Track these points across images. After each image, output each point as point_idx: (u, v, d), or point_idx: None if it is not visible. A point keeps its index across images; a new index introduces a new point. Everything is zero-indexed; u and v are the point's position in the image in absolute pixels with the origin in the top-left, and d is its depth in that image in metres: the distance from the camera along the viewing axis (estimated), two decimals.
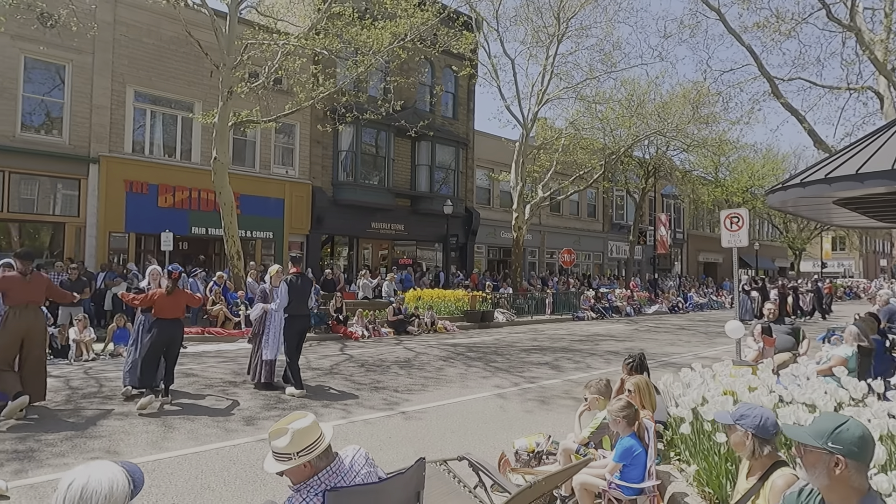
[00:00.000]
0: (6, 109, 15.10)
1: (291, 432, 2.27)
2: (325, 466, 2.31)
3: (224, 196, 14.84)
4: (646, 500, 3.45)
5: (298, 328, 7.88)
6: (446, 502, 3.24)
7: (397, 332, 14.77)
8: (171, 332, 6.82)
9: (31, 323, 6.05)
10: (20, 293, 5.99)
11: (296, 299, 7.78)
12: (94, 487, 1.68)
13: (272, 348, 7.85)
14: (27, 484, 4.22)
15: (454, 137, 25.29)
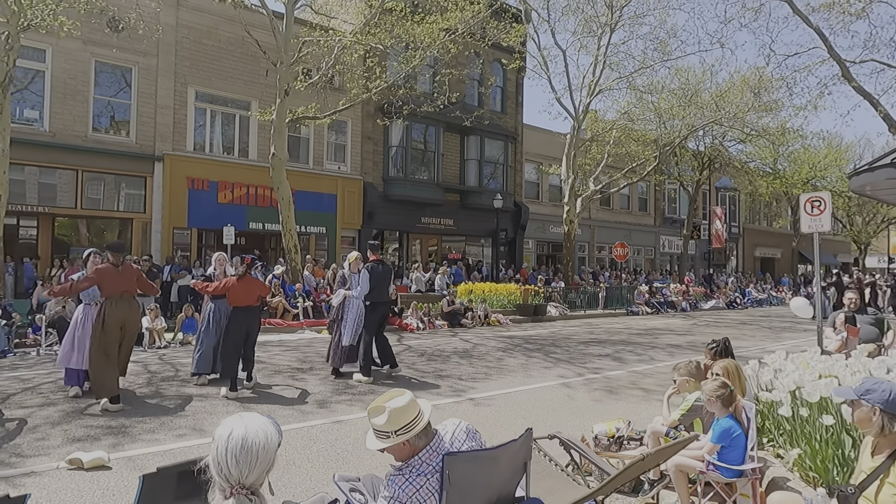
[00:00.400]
0: (79, 112, 15.87)
1: (388, 411, 2.23)
2: (425, 445, 2.27)
3: (282, 191, 15.19)
4: (746, 482, 3.33)
5: (380, 315, 7.92)
6: (540, 480, 3.21)
7: (451, 325, 14.81)
8: (247, 321, 6.85)
9: (126, 313, 6.20)
10: (114, 284, 6.16)
11: (377, 287, 7.82)
12: (253, 438, 1.73)
13: (350, 334, 7.88)
14: (125, 456, 4.41)
15: (503, 131, 25.15)
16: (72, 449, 4.56)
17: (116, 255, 6.28)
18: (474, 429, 2.45)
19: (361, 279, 7.80)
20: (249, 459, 1.70)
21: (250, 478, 1.69)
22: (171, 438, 4.90)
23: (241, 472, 1.68)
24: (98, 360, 5.97)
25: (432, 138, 22.95)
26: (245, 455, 1.70)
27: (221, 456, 1.71)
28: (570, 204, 21.81)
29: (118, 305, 6.17)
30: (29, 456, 4.39)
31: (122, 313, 6.18)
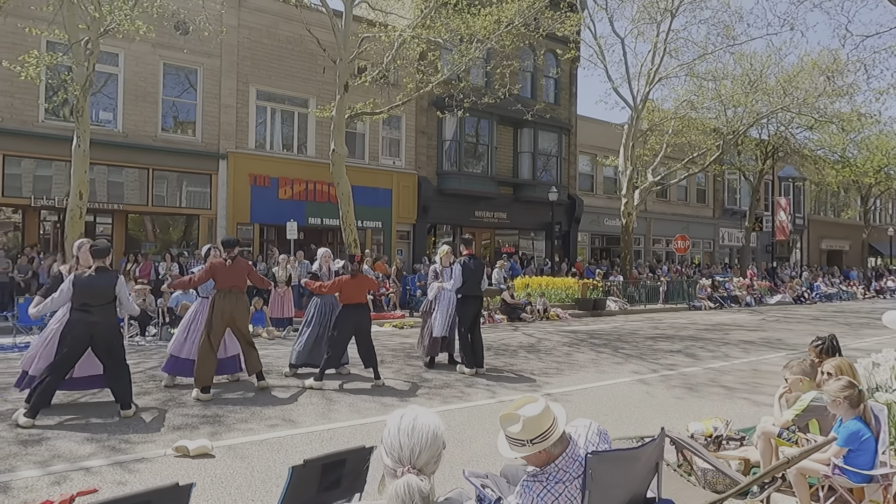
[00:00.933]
0: (149, 113, 16.52)
1: (523, 420, 2.18)
2: (562, 452, 2.21)
3: (342, 186, 15.40)
4: (876, 488, 3.15)
5: (473, 309, 7.97)
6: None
7: (510, 319, 14.73)
8: (357, 318, 6.94)
9: (233, 306, 6.38)
10: (225, 278, 6.38)
11: (470, 280, 7.88)
12: (423, 420, 1.75)
13: (441, 326, 7.98)
14: (225, 445, 4.55)
15: (557, 123, 24.78)
16: (174, 437, 4.74)
17: (228, 250, 6.47)
18: (604, 429, 2.39)
19: (454, 273, 7.89)
20: (420, 440, 1.72)
21: (421, 458, 1.70)
22: (265, 428, 5.03)
23: (413, 452, 1.70)
24: (204, 349, 6.21)
25: (485, 131, 22.83)
26: (416, 435, 1.73)
27: (393, 437, 1.76)
28: (628, 196, 21.31)
29: (226, 299, 6.36)
30: (136, 443, 4.59)
31: (230, 306, 6.35)
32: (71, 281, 5.41)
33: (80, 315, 5.34)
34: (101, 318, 5.43)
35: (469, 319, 7.91)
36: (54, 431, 4.84)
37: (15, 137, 14.58)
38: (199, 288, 6.88)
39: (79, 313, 5.35)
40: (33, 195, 14.95)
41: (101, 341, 5.41)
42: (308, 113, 19.26)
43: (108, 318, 5.53)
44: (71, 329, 5.33)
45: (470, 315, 7.92)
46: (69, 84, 12.86)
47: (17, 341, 9.91)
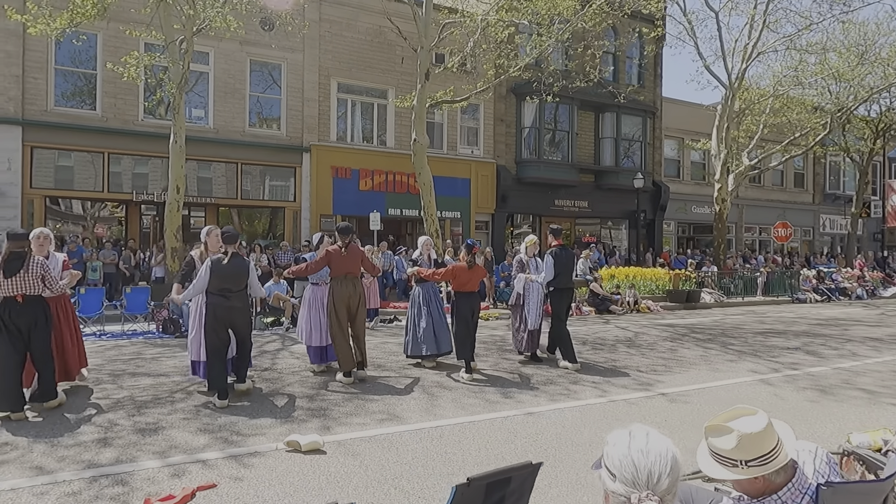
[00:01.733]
0: (237, 108, 17.01)
1: (738, 436, 1.72)
2: (785, 483, 1.75)
3: (423, 176, 15.23)
4: None
5: (566, 302, 7.67)
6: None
7: (598, 312, 14.11)
8: (472, 305, 6.95)
9: (350, 292, 6.43)
10: (340, 265, 6.41)
11: (562, 272, 7.54)
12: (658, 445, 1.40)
13: (533, 319, 7.69)
14: (335, 440, 4.40)
15: (641, 106, 23.60)
16: (282, 430, 4.65)
17: (343, 237, 6.46)
18: (832, 456, 1.93)
19: (546, 264, 7.56)
20: (659, 462, 1.35)
21: (662, 483, 1.34)
22: (372, 423, 4.85)
23: (651, 475, 1.34)
24: (337, 335, 6.37)
25: (565, 117, 22.07)
26: (653, 456, 1.37)
27: (624, 456, 1.39)
28: (722, 181, 19.95)
29: (343, 286, 6.43)
30: (247, 435, 4.52)
31: (347, 293, 6.42)
32: (209, 266, 5.49)
33: (219, 300, 5.50)
34: (239, 303, 5.64)
35: (564, 312, 7.62)
36: (168, 420, 4.88)
37: (118, 136, 15.39)
38: (311, 276, 6.92)
39: (218, 298, 5.50)
40: (134, 190, 15.76)
41: (241, 326, 5.69)
42: (387, 104, 19.27)
43: (244, 302, 5.78)
44: (213, 314, 5.49)
45: (564, 308, 7.65)
46: (166, 83, 13.38)
47: (126, 329, 10.40)
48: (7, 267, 4.89)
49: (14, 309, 4.91)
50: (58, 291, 5.26)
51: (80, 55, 15.29)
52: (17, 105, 14.40)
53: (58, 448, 4.17)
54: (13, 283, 4.90)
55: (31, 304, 4.97)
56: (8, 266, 4.89)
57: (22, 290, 4.92)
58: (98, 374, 6.66)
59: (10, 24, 14.09)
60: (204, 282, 5.49)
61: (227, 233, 5.77)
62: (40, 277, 5.00)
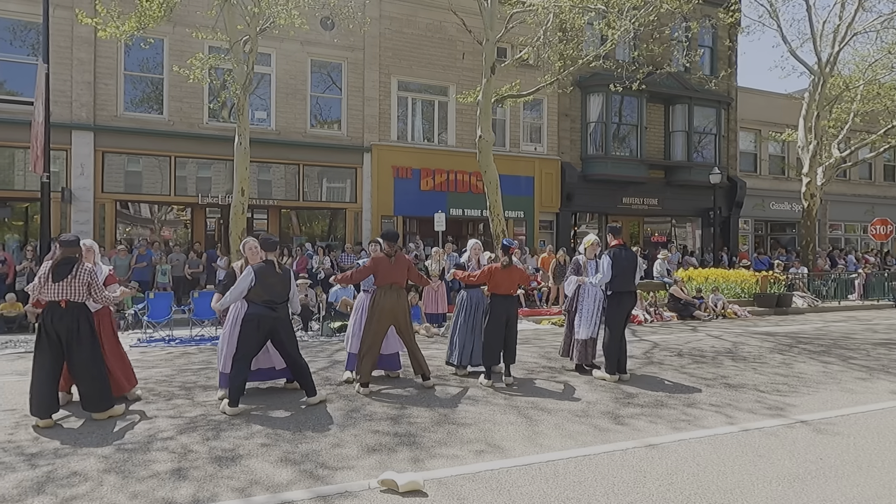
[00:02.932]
0: (299, 109, 16.83)
1: None
2: None
3: (489, 174, 14.59)
4: None
5: (625, 307, 6.91)
6: None
7: (681, 317, 13.08)
8: (508, 309, 6.52)
9: (394, 303, 6.09)
10: (385, 274, 6.06)
11: (621, 274, 6.80)
12: None
13: (587, 327, 7.07)
14: (434, 478, 3.80)
15: (714, 97, 22.20)
16: (371, 462, 4.10)
17: (390, 245, 6.04)
18: None
19: (602, 266, 6.83)
20: None
21: None
22: (470, 456, 4.23)
23: None
24: (366, 345, 6.05)
25: (633, 110, 20.95)
26: None
27: None
28: (811, 175, 18.42)
29: (387, 295, 6.08)
30: (334, 468, 3.98)
31: (391, 303, 6.06)
32: (252, 273, 5.31)
33: (262, 310, 5.33)
34: (282, 313, 5.49)
35: (622, 320, 6.88)
36: (245, 446, 4.40)
37: (183, 140, 15.44)
38: (364, 283, 6.68)
39: (260, 307, 5.33)
40: (199, 193, 15.79)
41: (286, 336, 5.50)
42: (448, 101, 18.72)
43: (286, 312, 5.61)
44: (255, 325, 5.31)
45: (623, 314, 6.90)
46: (230, 84, 13.24)
47: (194, 334, 10.21)
48: (56, 271, 4.90)
49: (56, 314, 4.90)
50: (102, 301, 5.17)
51: (147, 61, 15.42)
52: (90, 111, 14.62)
53: (130, 481, 3.74)
54: (59, 288, 4.89)
55: (72, 311, 4.93)
56: (58, 271, 4.90)
57: (66, 296, 4.90)
58: (169, 387, 6.33)
59: (82, 31, 14.32)
60: (243, 289, 5.33)
61: (266, 240, 5.58)
62: (87, 285, 4.95)
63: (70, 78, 14.41)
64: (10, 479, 3.77)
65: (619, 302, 6.88)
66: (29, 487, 3.63)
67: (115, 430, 4.78)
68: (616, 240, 7.09)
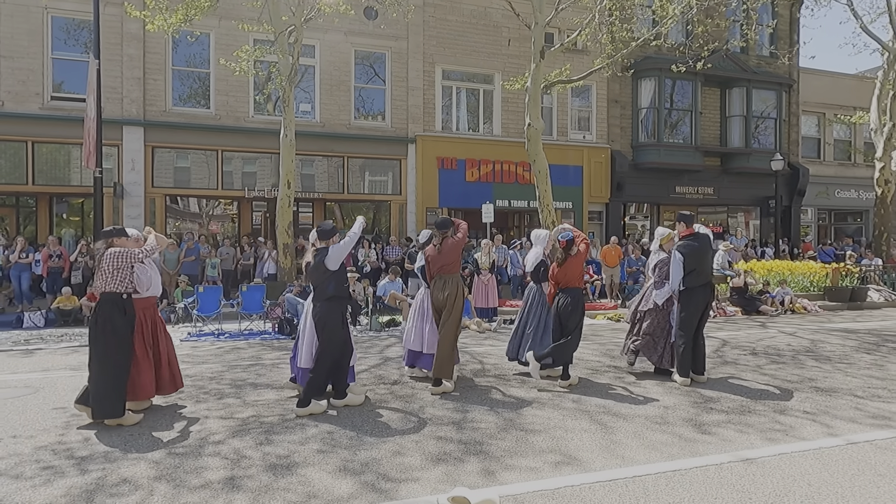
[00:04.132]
0: (343, 100, 16.63)
1: None
2: None
3: (538, 164, 14.06)
4: None
5: (699, 302, 6.26)
6: None
7: (746, 312, 12.31)
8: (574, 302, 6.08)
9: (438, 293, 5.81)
10: (434, 265, 5.85)
11: (695, 269, 6.21)
12: None
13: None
14: (510, 495, 3.41)
15: (774, 79, 21.00)
16: (436, 473, 3.74)
17: (440, 233, 5.72)
18: None
19: (673, 266, 6.22)
20: None
21: None
22: (546, 468, 3.83)
23: None
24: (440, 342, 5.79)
25: (687, 95, 19.98)
26: None
27: None
28: (885, 159, 17.17)
29: (435, 287, 5.84)
30: (396, 480, 3.65)
31: (436, 293, 5.80)
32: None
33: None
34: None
35: (696, 316, 6.21)
36: (301, 452, 4.12)
37: (230, 133, 15.45)
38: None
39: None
40: (245, 187, 15.79)
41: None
42: (493, 90, 18.22)
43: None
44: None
45: (697, 310, 6.22)
46: (275, 76, 13.12)
47: (243, 328, 10.11)
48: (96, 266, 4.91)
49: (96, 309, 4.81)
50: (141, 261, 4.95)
51: (194, 56, 15.48)
52: (140, 107, 14.76)
53: (182, 491, 3.49)
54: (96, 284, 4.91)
55: (100, 303, 4.80)
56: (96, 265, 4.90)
57: (96, 289, 4.90)
58: (219, 385, 6.15)
59: (131, 28, 14.45)
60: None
61: (320, 228, 5.35)
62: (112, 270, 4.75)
63: (120, 74, 14.57)
64: (59, 485, 3.58)
65: (692, 297, 6.27)
66: (78, 495, 3.42)
67: (166, 433, 4.57)
68: (687, 229, 6.50)
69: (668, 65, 15.54)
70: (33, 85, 14.04)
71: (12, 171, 14.06)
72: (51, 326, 10.68)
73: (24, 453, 4.12)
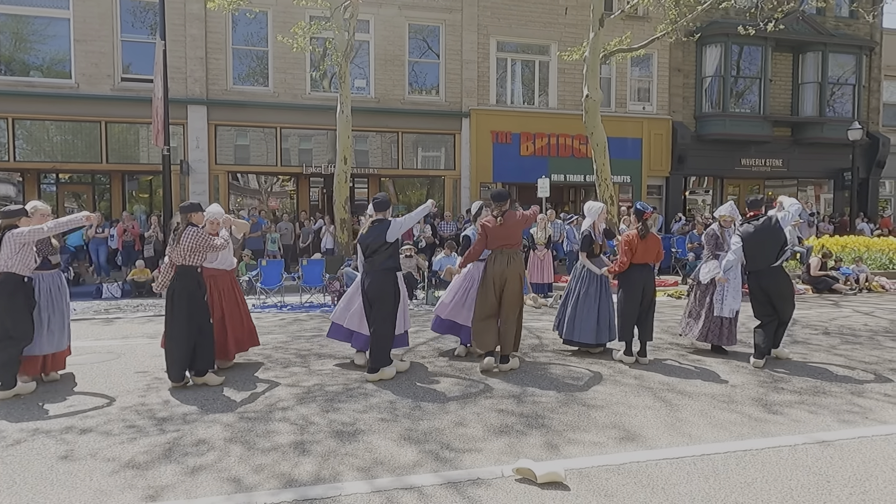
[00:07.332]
0: (397, 75, 16.61)
1: None
2: None
3: (596, 136, 13.69)
4: None
5: (762, 287, 5.97)
6: None
7: (817, 290, 11.73)
8: (644, 279, 5.98)
9: (503, 268, 5.60)
10: (495, 237, 5.65)
11: (753, 254, 5.91)
12: None
13: (728, 303, 6.27)
14: (574, 469, 3.41)
15: (853, 42, 19.58)
16: (499, 444, 3.77)
17: (500, 205, 5.61)
18: None
19: (731, 249, 5.98)
20: None
21: None
22: (611, 443, 3.80)
23: None
24: (478, 316, 5.69)
25: (756, 62, 18.90)
26: None
27: None
28: None
29: (497, 261, 5.64)
30: (459, 450, 3.70)
31: (500, 268, 5.60)
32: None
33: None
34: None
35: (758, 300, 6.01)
36: (364, 420, 4.23)
37: (287, 111, 15.74)
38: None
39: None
40: (303, 164, 16.11)
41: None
42: (549, 61, 17.77)
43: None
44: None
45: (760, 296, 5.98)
46: (331, 52, 13.21)
47: (304, 301, 10.42)
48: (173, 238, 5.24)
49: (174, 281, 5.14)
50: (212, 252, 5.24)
51: (252, 35, 15.76)
52: (202, 86, 15.21)
53: (255, 453, 3.65)
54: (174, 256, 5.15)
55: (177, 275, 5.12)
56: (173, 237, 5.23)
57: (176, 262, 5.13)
58: (285, 354, 6.38)
59: (193, 8, 14.83)
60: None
61: (376, 199, 5.50)
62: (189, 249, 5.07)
63: (184, 55, 15.02)
64: (141, 443, 3.82)
65: (754, 281, 6.03)
66: (159, 455, 3.64)
67: (238, 398, 4.79)
68: (753, 210, 6.19)
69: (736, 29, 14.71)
70: (105, 67, 14.67)
71: (87, 151, 14.82)
72: (127, 297, 11.31)
73: (111, 413, 4.42)
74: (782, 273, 6.10)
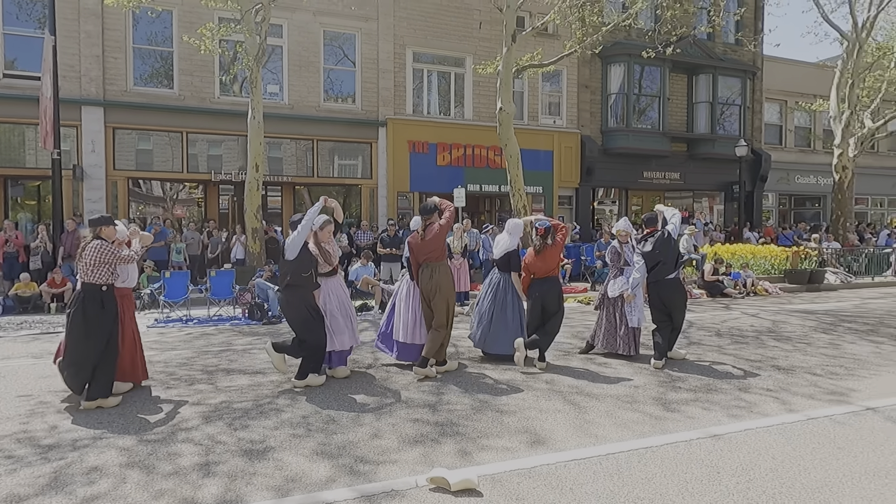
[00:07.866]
0: (312, 82, 16.32)
1: None
2: None
3: (510, 148, 14.11)
4: None
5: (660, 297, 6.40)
6: None
7: (710, 294, 12.65)
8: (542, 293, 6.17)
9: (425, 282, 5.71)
10: (419, 253, 5.71)
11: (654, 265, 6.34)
12: None
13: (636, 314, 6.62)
14: (487, 475, 3.46)
15: (739, 66, 21.42)
16: (413, 455, 3.77)
17: (424, 219, 5.64)
18: None
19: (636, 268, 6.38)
20: None
21: None
22: (521, 447, 3.89)
23: None
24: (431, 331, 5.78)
25: (655, 81, 20.22)
26: None
27: None
28: (843, 146, 17.73)
29: (422, 276, 5.70)
30: (374, 462, 3.66)
31: (423, 283, 5.67)
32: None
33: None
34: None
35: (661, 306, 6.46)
36: (276, 437, 4.09)
37: (195, 115, 15.03)
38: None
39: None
40: (212, 170, 15.42)
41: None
42: (464, 73, 18.13)
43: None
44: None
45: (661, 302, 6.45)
46: (242, 56, 12.78)
47: (212, 314, 9.94)
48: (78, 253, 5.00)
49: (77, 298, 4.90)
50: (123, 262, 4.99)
51: (156, 34, 14.95)
52: (99, 86, 14.23)
53: (155, 478, 3.43)
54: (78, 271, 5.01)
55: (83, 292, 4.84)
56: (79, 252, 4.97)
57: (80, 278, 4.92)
58: (190, 371, 6.05)
59: (89, 3, 13.88)
60: None
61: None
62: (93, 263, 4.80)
63: (78, 52, 13.99)
64: (23, 474, 3.48)
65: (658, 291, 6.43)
66: (45, 485, 3.33)
67: (137, 420, 4.48)
68: (649, 228, 6.62)
69: (638, 50, 15.69)
70: None
71: None
72: (9, 314, 10.30)
73: None
74: (679, 285, 6.55)
